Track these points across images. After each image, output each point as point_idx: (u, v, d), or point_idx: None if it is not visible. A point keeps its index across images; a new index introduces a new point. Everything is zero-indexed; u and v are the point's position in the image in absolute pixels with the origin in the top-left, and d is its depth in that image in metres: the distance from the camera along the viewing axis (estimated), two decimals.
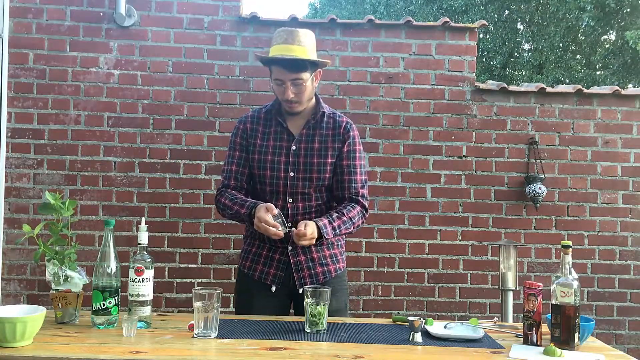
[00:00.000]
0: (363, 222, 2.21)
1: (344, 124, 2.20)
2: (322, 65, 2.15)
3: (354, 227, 2.15)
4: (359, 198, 2.18)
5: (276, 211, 1.98)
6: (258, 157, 2.16)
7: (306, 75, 2.07)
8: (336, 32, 3.52)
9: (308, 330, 1.80)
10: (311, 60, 2.08)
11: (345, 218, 2.11)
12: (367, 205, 2.21)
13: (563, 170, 3.57)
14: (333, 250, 2.22)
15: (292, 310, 2.26)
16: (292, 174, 2.13)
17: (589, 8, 11.00)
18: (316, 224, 2.03)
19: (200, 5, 3.48)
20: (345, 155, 2.17)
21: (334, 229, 2.07)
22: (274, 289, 2.16)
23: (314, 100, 2.21)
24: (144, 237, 1.85)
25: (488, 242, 3.53)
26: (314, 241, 2.02)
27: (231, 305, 3.14)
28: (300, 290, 2.14)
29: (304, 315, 1.87)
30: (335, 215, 2.10)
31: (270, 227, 1.95)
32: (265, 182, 2.15)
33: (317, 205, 2.17)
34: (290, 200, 2.13)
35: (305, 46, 2.08)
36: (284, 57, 2.04)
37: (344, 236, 2.30)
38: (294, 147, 2.15)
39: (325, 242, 2.18)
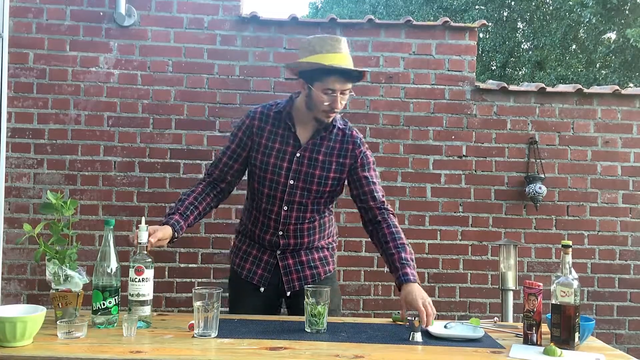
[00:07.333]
0: None
1: (352, 139, 2.12)
2: None
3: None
4: (387, 207, 2.12)
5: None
6: (261, 157, 2.09)
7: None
8: (336, 32, 3.51)
9: (308, 330, 1.80)
10: (366, 70, 2.07)
11: (408, 248, 2.03)
12: (392, 210, 2.14)
13: (563, 170, 3.57)
14: (322, 253, 2.19)
15: (285, 310, 2.24)
16: (292, 181, 2.07)
17: (590, 4, 10.98)
18: (414, 283, 1.90)
19: (200, 5, 3.48)
20: (360, 168, 2.12)
21: (414, 267, 1.97)
22: (262, 289, 2.14)
23: None
24: (144, 236, 1.85)
25: (488, 242, 3.53)
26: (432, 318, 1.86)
27: None
28: (288, 293, 2.13)
29: (298, 315, 1.85)
30: (403, 254, 1.98)
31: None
32: (264, 184, 2.09)
33: (311, 216, 2.12)
34: (285, 208, 2.09)
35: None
36: (356, 69, 1.98)
37: (334, 238, 2.28)
38: (298, 154, 2.07)
39: (315, 245, 2.17)
